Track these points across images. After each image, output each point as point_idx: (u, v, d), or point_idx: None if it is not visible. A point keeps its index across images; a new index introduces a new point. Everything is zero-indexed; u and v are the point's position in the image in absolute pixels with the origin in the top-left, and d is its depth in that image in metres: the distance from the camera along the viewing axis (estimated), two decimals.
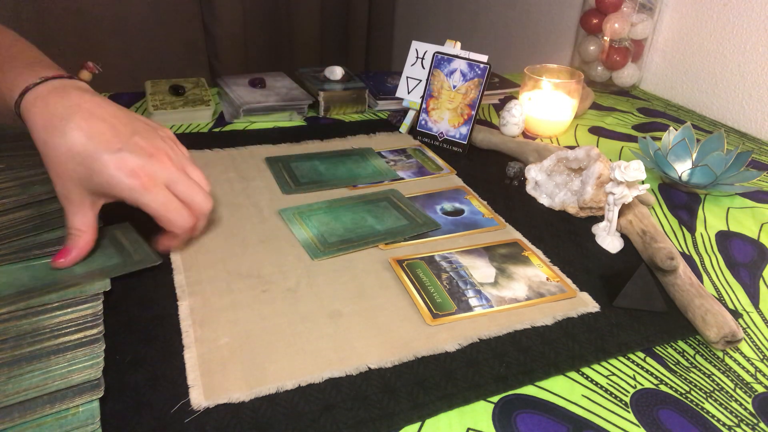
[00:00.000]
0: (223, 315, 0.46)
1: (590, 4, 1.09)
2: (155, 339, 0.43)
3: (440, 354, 0.44)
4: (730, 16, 0.97)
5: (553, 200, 0.67)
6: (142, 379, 0.40)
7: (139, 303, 0.47)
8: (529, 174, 0.69)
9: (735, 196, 0.72)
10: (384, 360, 0.43)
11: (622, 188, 0.57)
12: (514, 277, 0.53)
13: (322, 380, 0.41)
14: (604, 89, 1.12)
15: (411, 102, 0.84)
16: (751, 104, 0.96)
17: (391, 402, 0.39)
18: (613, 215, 0.59)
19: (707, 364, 0.46)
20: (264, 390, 0.39)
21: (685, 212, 0.68)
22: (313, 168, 0.72)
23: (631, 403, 0.41)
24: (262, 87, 0.90)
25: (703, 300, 0.49)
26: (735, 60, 0.98)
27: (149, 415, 0.37)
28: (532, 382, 0.42)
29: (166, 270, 0.51)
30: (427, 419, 0.39)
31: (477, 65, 0.78)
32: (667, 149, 0.72)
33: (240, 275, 0.51)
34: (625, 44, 1.07)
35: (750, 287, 0.56)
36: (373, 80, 0.99)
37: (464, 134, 0.80)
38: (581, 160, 0.65)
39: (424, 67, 0.83)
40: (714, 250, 0.61)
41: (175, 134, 0.80)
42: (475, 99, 0.78)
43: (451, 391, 0.41)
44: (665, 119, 0.98)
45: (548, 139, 0.87)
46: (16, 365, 0.38)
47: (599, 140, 0.88)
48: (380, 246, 0.56)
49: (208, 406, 0.38)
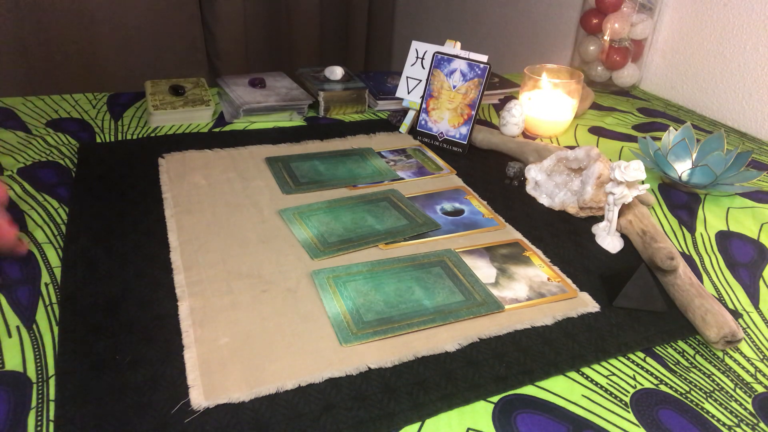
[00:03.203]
0: (223, 315, 0.46)
1: (590, 4, 1.09)
2: (155, 339, 0.43)
3: (440, 354, 0.44)
4: (730, 16, 0.97)
5: (553, 200, 0.67)
6: (142, 379, 0.40)
7: (139, 303, 0.47)
8: (529, 174, 0.69)
9: (735, 196, 0.72)
10: (384, 360, 0.43)
11: (622, 188, 0.57)
12: (515, 278, 0.53)
13: (322, 380, 0.41)
14: (604, 89, 1.11)
15: (411, 102, 0.84)
16: (751, 104, 0.96)
17: (391, 402, 0.39)
18: (613, 215, 0.59)
19: (707, 364, 0.46)
20: (264, 390, 0.39)
21: (685, 212, 0.68)
22: (313, 168, 0.72)
23: (631, 403, 0.41)
24: (262, 87, 0.90)
25: (703, 300, 0.49)
26: (735, 60, 0.98)
27: (149, 415, 0.37)
28: (532, 382, 0.42)
29: (166, 270, 0.51)
30: (427, 419, 0.39)
31: (477, 65, 0.78)
32: (667, 149, 0.72)
33: (240, 275, 0.51)
34: (625, 44, 1.07)
35: (750, 287, 0.56)
36: (373, 80, 0.99)
37: (464, 134, 0.80)
38: (581, 160, 0.65)
39: (424, 67, 0.83)
40: (714, 250, 0.61)
41: (175, 134, 0.80)
42: (475, 99, 0.78)
43: (451, 391, 0.41)
44: (665, 119, 0.98)
45: (548, 139, 0.87)
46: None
47: (599, 140, 0.88)
48: (380, 246, 0.56)
49: (208, 406, 0.38)
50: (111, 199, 0.62)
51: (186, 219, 0.59)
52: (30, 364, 0.41)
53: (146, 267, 0.51)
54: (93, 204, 0.61)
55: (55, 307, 0.47)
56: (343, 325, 0.46)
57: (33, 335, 0.44)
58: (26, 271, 0.50)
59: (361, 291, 0.50)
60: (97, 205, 0.61)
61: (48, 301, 0.47)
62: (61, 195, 0.63)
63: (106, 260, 0.52)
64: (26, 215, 0.58)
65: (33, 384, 0.40)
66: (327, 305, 0.48)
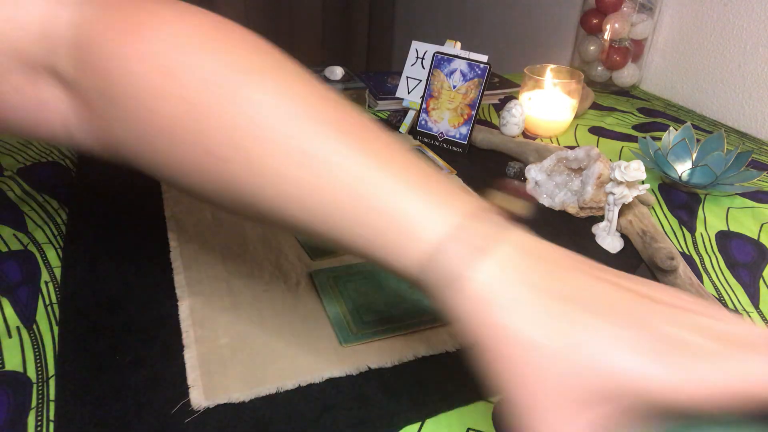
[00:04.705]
0: (223, 315, 0.46)
1: (590, 4, 1.09)
2: (155, 339, 0.43)
3: (440, 354, 0.44)
4: (730, 16, 0.97)
5: (553, 200, 0.67)
6: (142, 379, 0.40)
7: (139, 303, 0.47)
8: (529, 174, 0.69)
9: (735, 196, 0.72)
10: (384, 360, 0.43)
11: (622, 188, 0.57)
12: None
13: (322, 380, 0.41)
14: (604, 89, 1.11)
15: (411, 102, 0.84)
16: (751, 104, 0.96)
17: (391, 402, 0.39)
18: (613, 215, 0.59)
19: None
20: (264, 390, 0.39)
21: (685, 212, 0.68)
22: None
23: None
24: None
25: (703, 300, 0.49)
26: (735, 60, 0.98)
27: (149, 415, 0.37)
28: None
29: (166, 270, 0.51)
30: (427, 419, 0.39)
31: (477, 65, 0.78)
32: (667, 149, 0.72)
33: (240, 275, 0.51)
34: (625, 44, 1.07)
35: (750, 287, 0.56)
36: (373, 80, 0.99)
37: (464, 134, 0.80)
38: (581, 160, 0.65)
39: (424, 67, 0.83)
40: (714, 250, 0.61)
41: None
42: (475, 99, 0.78)
43: (452, 391, 0.41)
44: (665, 119, 0.98)
45: (548, 139, 0.87)
46: None
47: (599, 140, 0.88)
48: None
49: (208, 406, 0.38)
50: (111, 199, 0.62)
51: (186, 219, 0.59)
52: (30, 364, 0.41)
53: (146, 267, 0.51)
54: (93, 204, 0.61)
55: (55, 307, 0.47)
56: (343, 325, 0.46)
57: (33, 335, 0.44)
58: (26, 271, 0.50)
59: (361, 291, 0.50)
60: (97, 205, 0.61)
61: (48, 301, 0.47)
62: (61, 195, 0.63)
63: (106, 260, 0.52)
64: (26, 215, 0.58)
65: (33, 384, 0.40)
66: (327, 305, 0.48)
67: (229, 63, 0.28)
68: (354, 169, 0.27)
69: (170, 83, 0.28)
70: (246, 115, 0.27)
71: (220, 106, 0.28)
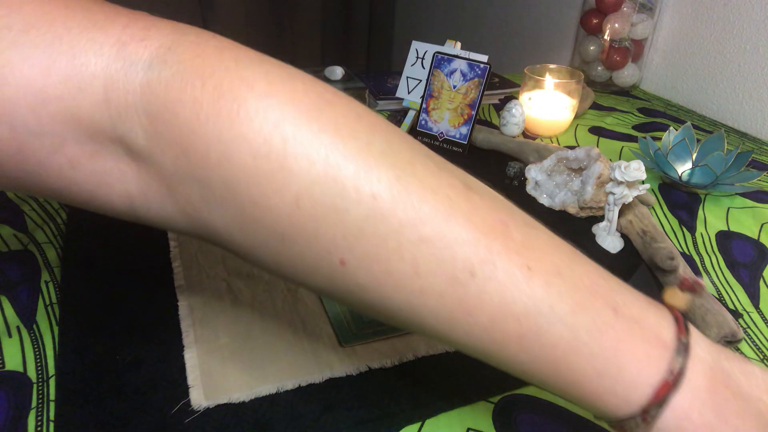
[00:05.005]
0: (223, 315, 0.46)
1: (590, 4, 1.09)
2: (155, 339, 0.43)
3: (440, 354, 0.44)
4: (730, 16, 0.97)
5: (553, 200, 0.67)
6: (142, 379, 0.40)
7: (139, 303, 0.47)
8: (529, 174, 0.69)
9: (735, 196, 0.72)
10: (384, 360, 0.43)
11: (622, 188, 0.57)
12: None
13: (322, 380, 0.41)
14: (604, 89, 1.11)
15: (411, 102, 0.84)
16: (751, 104, 0.96)
17: (391, 402, 0.39)
18: (613, 215, 0.59)
19: None
20: (264, 390, 0.39)
21: (685, 212, 0.68)
22: None
23: None
24: None
25: (703, 300, 0.49)
26: (735, 60, 0.98)
27: (149, 415, 0.37)
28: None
29: (166, 270, 0.51)
30: (427, 419, 0.39)
31: (477, 65, 0.78)
32: (667, 149, 0.72)
33: (240, 275, 0.51)
34: (625, 44, 1.07)
35: (750, 287, 0.56)
36: (373, 80, 0.99)
37: (464, 134, 0.80)
38: (581, 160, 0.65)
39: (424, 67, 0.83)
40: (714, 250, 0.61)
41: None
42: (475, 99, 0.78)
43: (452, 391, 0.41)
44: (665, 119, 0.98)
45: (548, 139, 0.87)
46: None
47: (599, 140, 0.88)
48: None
49: (208, 406, 0.38)
50: None
51: None
52: (30, 364, 0.41)
53: (146, 267, 0.51)
54: None
55: (55, 306, 0.47)
56: (343, 325, 0.46)
57: (33, 335, 0.44)
58: (26, 271, 0.50)
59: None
60: None
61: (48, 300, 0.47)
62: None
63: (106, 260, 0.52)
64: (26, 215, 0.58)
65: (33, 384, 0.40)
66: (327, 305, 0.48)
67: (341, 147, 0.24)
68: (528, 294, 0.25)
69: (281, 176, 0.24)
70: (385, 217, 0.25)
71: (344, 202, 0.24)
